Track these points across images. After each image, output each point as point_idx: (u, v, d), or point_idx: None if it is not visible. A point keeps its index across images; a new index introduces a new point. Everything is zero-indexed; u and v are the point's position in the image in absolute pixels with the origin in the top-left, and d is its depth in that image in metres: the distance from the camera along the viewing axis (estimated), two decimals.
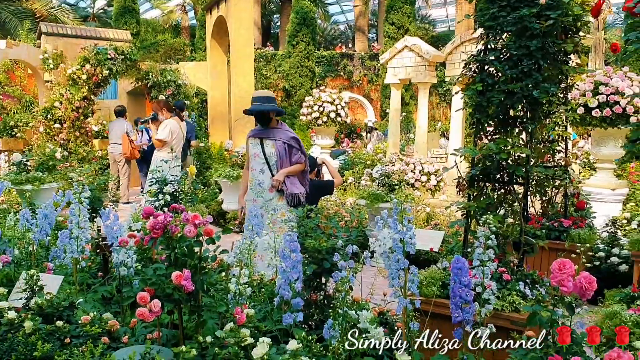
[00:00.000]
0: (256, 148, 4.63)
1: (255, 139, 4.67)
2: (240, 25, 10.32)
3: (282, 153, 4.59)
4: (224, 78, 12.09)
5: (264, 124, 4.66)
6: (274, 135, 4.63)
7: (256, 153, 4.62)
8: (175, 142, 7.15)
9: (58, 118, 9.49)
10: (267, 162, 4.60)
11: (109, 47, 9.68)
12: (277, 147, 4.59)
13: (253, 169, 4.65)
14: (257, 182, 4.61)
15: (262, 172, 4.61)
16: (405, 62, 9.84)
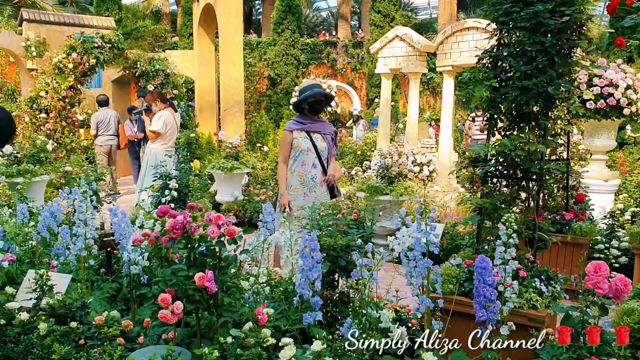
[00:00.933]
0: (307, 142, 4.52)
1: (302, 132, 4.54)
2: (229, 13, 10.18)
3: (331, 147, 4.62)
4: (211, 66, 11.94)
5: (317, 114, 4.62)
6: (322, 128, 4.61)
7: (309, 147, 4.52)
8: (170, 134, 7.06)
9: (44, 108, 9.29)
10: (319, 156, 4.54)
11: (95, 35, 9.48)
12: (327, 141, 4.60)
13: (305, 164, 4.53)
14: (310, 177, 4.54)
15: (315, 167, 4.55)
16: (396, 52, 9.82)
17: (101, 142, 9.68)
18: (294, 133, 4.54)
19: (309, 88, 4.57)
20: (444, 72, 9.42)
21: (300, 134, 4.52)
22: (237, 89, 10.43)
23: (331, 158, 4.65)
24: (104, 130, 9.65)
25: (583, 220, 4.57)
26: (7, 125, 2.88)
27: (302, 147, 4.50)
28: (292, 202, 4.51)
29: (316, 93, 4.48)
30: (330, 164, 4.62)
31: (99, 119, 9.67)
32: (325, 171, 4.58)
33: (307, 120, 4.57)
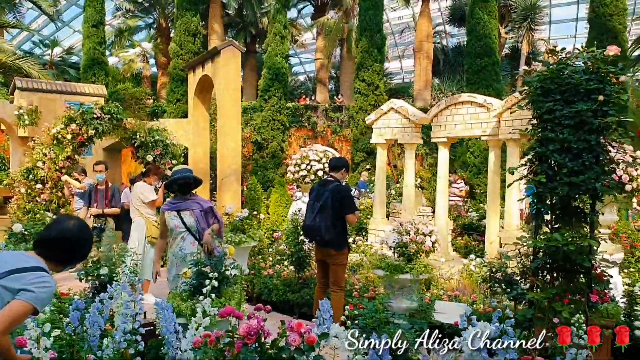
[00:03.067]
0: (176, 220, 5.12)
1: (172, 212, 5.16)
2: (228, 85, 10.36)
3: (200, 220, 5.15)
4: (205, 135, 12.02)
5: (185, 194, 5.19)
6: (190, 205, 5.17)
7: (176, 224, 5.12)
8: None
9: (40, 178, 9.16)
10: (188, 230, 5.12)
11: (94, 105, 9.50)
12: (195, 215, 5.14)
13: (175, 238, 5.15)
14: (179, 249, 5.09)
15: (183, 240, 5.12)
16: (392, 124, 10.09)
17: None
18: (166, 213, 5.19)
19: (180, 172, 5.18)
20: (439, 143, 9.68)
21: (171, 214, 5.15)
22: (235, 158, 10.50)
23: (205, 229, 5.10)
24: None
25: (608, 302, 4.65)
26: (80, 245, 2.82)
27: (171, 224, 5.14)
28: (169, 270, 5.17)
29: (185, 177, 5.12)
30: (204, 234, 5.04)
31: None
32: (197, 241, 5.10)
33: (177, 200, 5.20)
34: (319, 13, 28.32)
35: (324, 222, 5.56)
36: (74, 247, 2.70)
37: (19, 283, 2.44)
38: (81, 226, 2.77)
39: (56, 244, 2.64)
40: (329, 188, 5.67)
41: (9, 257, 2.61)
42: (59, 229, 2.68)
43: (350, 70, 26.94)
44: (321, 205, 5.63)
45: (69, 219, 2.77)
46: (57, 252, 2.65)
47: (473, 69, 15.57)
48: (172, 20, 28.52)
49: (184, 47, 17.97)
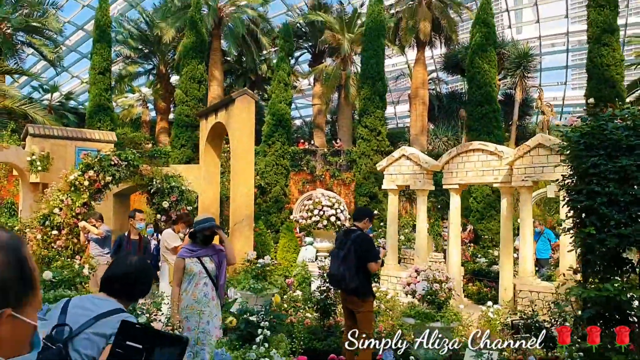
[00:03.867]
0: (198, 266, 5.21)
1: (193, 258, 5.25)
2: (242, 133, 10.57)
3: (219, 265, 5.32)
4: (216, 181, 12.16)
5: (208, 244, 5.32)
6: (210, 252, 5.31)
7: (200, 270, 5.21)
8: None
9: (56, 225, 9.18)
10: (209, 275, 5.23)
11: (111, 152, 9.63)
12: (215, 261, 5.30)
13: (198, 284, 5.22)
14: (203, 294, 5.18)
15: (206, 285, 5.22)
16: (403, 170, 10.30)
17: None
18: (187, 260, 5.25)
19: (205, 221, 5.29)
20: (451, 189, 9.88)
21: (192, 260, 5.23)
22: (247, 203, 10.61)
23: (224, 274, 5.36)
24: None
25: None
26: (144, 280, 2.88)
27: (194, 270, 5.20)
28: (189, 318, 5.13)
29: (212, 226, 5.26)
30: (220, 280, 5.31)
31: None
32: (215, 287, 5.26)
33: (196, 247, 5.28)
34: (316, 61, 29.00)
35: (348, 270, 5.68)
36: (137, 282, 2.76)
37: (109, 328, 2.49)
38: (143, 262, 2.88)
39: (123, 281, 2.69)
40: (351, 237, 5.81)
41: (87, 303, 2.60)
42: (124, 266, 2.73)
43: (347, 115, 27.44)
44: (345, 253, 5.75)
45: (131, 256, 2.84)
46: (124, 289, 2.70)
47: (474, 116, 15.97)
48: (171, 67, 29.05)
49: (189, 94, 18.29)
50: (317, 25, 27.24)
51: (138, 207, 14.77)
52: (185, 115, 17.65)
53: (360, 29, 26.52)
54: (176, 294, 5.30)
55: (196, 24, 18.74)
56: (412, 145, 25.29)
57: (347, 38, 25.05)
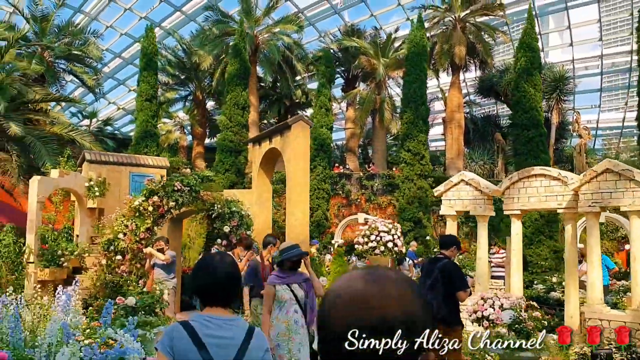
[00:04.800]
0: (288, 293, 5.21)
1: (283, 285, 5.24)
2: (297, 158, 10.65)
3: (308, 292, 5.32)
4: (268, 205, 12.23)
5: (296, 269, 5.35)
6: (299, 279, 5.33)
7: (290, 297, 5.20)
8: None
9: (120, 250, 9.31)
10: (298, 303, 5.23)
11: (174, 178, 9.77)
12: (304, 288, 5.30)
13: (289, 311, 5.20)
14: (294, 321, 5.17)
15: (296, 312, 5.21)
16: (462, 195, 10.23)
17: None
18: (277, 286, 5.25)
19: (293, 249, 5.30)
20: (512, 215, 9.78)
21: (282, 287, 5.22)
22: (302, 228, 10.63)
23: (312, 300, 5.34)
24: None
25: None
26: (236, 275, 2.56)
27: (285, 297, 5.19)
28: (281, 345, 5.12)
29: (301, 254, 5.30)
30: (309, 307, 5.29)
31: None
32: (305, 315, 5.23)
33: (284, 273, 5.26)
34: (349, 85, 29.23)
35: (435, 299, 5.63)
36: (237, 282, 2.56)
37: (261, 349, 2.43)
38: (232, 259, 2.71)
39: (228, 285, 2.49)
40: (438, 265, 5.79)
41: (214, 330, 2.38)
42: (224, 270, 2.48)
43: (382, 139, 27.51)
44: (431, 282, 5.72)
45: (215, 256, 2.57)
46: (231, 294, 2.51)
47: (520, 140, 15.87)
48: (208, 93, 29.55)
49: (233, 120, 18.56)
50: (351, 50, 27.51)
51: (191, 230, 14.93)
52: (229, 141, 17.87)
53: (395, 53, 26.74)
54: (267, 322, 5.28)
55: (240, 52, 19.12)
56: (448, 169, 25.19)
57: (382, 63, 25.24)
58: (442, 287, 5.58)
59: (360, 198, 24.58)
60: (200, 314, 2.44)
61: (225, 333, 2.38)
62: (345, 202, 24.51)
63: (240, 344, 2.39)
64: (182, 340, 2.32)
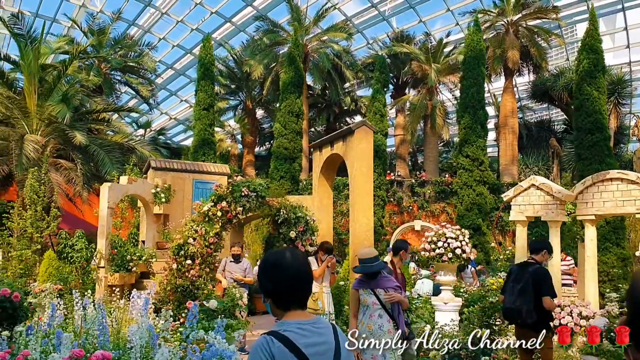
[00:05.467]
0: (371, 297, 5.19)
1: (367, 290, 5.24)
2: (361, 164, 10.57)
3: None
4: (329, 212, 12.19)
5: (372, 279, 5.29)
6: (383, 284, 5.24)
7: (373, 301, 5.18)
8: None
9: (190, 254, 9.42)
10: (383, 307, 5.18)
11: (240, 183, 9.85)
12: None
13: (372, 315, 5.18)
14: (378, 326, 5.13)
15: (381, 317, 5.17)
16: (532, 200, 9.96)
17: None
18: (360, 290, 5.28)
19: (373, 261, 5.21)
20: (585, 220, 9.46)
21: (366, 291, 5.22)
22: (367, 235, 10.52)
23: (399, 305, 5.26)
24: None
25: None
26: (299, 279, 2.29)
27: (367, 302, 5.19)
28: (365, 350, 4.99)
29: (377, 270, 5.21)
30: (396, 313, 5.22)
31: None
32: (392, 318, 5.18)
33: (369, 278, 5.25)
34: (398, 92, 29.07)
35: (526, 305, 5.48)
36: (312, 280, 2.34)
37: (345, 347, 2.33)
38: (304, 254, 2.51)
39: (309, 284, 2.28)
40: (529, 270, 5.64)
41: (311, 335, 2.20)
42: (304, 268, 2.27)
43: (433, 145, 27.20)
44: (521, 287, 5.57)
45: (286, 252, 2.30)
46: (309, 294, 2.30)
47: (584, 145, 15.38)
48: (257, 102, 29.91)
49: (288, 127, 18.68)
50: (401, 57, 27.38)
51: (246, 237, 15.07)
52: (284, 148, 17.98)
53: (446, 58, 26.45)
54: (352, 325, 5.31)
55: (294, 59, 19.26)
56: (502, 175, 24.67)
57: (434, 68, 24.99)
58: (533, 293, 5.42)
59: (412, 205, 24.33)
60: (287, 320, 2.23)
61: (319, 338, 2.22)
62: (397, 210, 24.28)
63: (334, 347, 2.25)
64: (284, 356, 2.10)
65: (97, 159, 15.89)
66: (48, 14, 28.85)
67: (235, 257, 8.95)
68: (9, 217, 13.32)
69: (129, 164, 14.37)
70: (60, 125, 15.85)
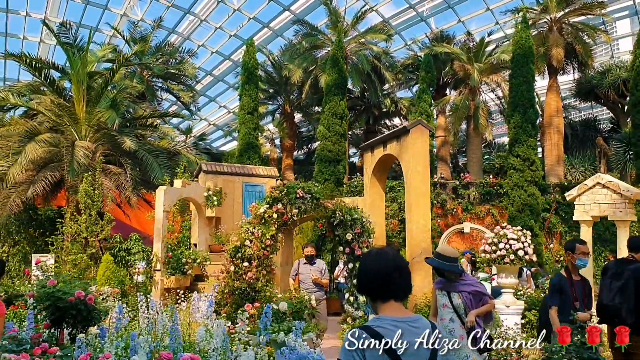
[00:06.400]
0: (444, 299, 5.07)
1: (442, 291, 5.12)
2: (417, 163, 10.39)
3: (469, 303, 5.01)
4: (381, 214, 12.03)
5: (441, 276, 5.19)
6: (460, 287, 5.05)
7: (444, 303, 5.05)
8: None
9: (247, 257, 9.36)
10: (455, 311, 5.02)
11: (295, 185, 9.76)
12: (463, 297, 5.02)
13: (443, 318, 5.03)
14: (448, 331, 4.98)
15: (452, 321, 5.00)
16: (598, 199, 9.59)
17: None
18: (437, 290, 5.20)
19: (453, 260, 5.02)
20: None
21: (441, 292, 5.12)
22: (424, 236, 10.32)
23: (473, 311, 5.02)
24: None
25: None
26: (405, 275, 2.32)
27: (440, 302, 5.10)
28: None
29: (450, 270, 4.99)
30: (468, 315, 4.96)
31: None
32: (463, 324, 4.96)
33: (447, 280, 5.10)
34: (439, 93, 28.65)
35: (626, 303, 5.20)
36: (409, 273, 2.33)
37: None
38: (396, 250, 2.50)
39: (404, 276, 2.28)
40: (630, 268, 5.37)
41: (415, 335, 2.17)
42: (398, 259, 2.30)
43: (476, 146, 26.71)
44: (622, 284, 5.30)
45: (385, 247, 2.42)
46: (407, 286, 2.29)
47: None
48: (296, 106, 29.93)
49: (332, 130, 18.57)
50: (441, 57, 26.98)
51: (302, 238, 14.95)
52: (328, 151, 17.87)
53: (489, 57, 25.98)
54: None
55: (338, 61, 19.15)
56: (547, 176, 24.03)
57: (476, 68, 24.55)
58: (635, 292, 5.16)
59: (456, 208, 23.87)
60: (382, 315, 2.21)
61: (414, 338, 2.16)
62: (441, 212, 23.84)
63: (431, 350, 2.18)
64: (373, 353, 2.08)
65: (146, 164, 16.05)
66: (91, 23, 29.50)
67: (308, 258, 8.78)
68: (62, 222, 13.55)
69: (179, 168, 14.45)
70: (110, 131, 16.08)
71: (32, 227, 17.32)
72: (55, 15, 29.07)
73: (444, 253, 5.21)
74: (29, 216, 17.18)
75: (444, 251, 5.26)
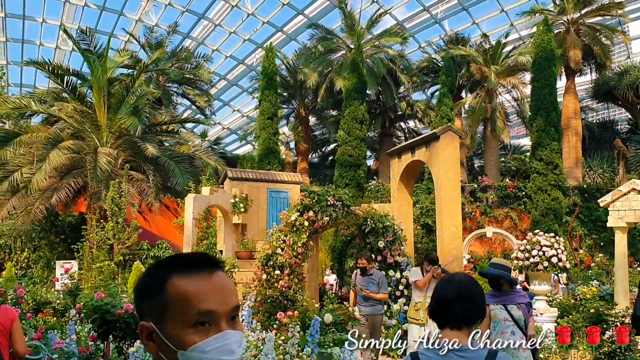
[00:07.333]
0: (503, 312, 4.96)
1: (498, 305, 5.01)
2: (447, 169, 10.31)
3: (527, 314, 5.02)
4: (409, 220, 11.94)
5: (496, 288, 5.07)
6: (515, 299, 5.03)
7: (505, 317, 4.96)
8: None
9: (279, 265, 9.32)
10: (516, 324, 4.94)
11: (326, 192, 9.71)
12: (522, 309, 4.99)
13: (504, 332, 4.94)
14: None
15: (514, 334, 4.92)
16: (633, 205, 9.48)
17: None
18: (491, 305, 5.00)
19: (504, 268, 5.04)
20: None
21: (497, 306, 4.99)
22: (456, 243, 10.24)
23: (530, 323, 5.02)
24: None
25: None
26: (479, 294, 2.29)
27: (499, 317, 4.95)
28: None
29: (498, 275, 4.99)
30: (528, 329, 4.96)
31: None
32: (525, 335, 4.92)
33: (501, 293, 5.03)
34: (455, 96, 28.49)
35: None
36: (477, 300, 2.27)
37: None
38: (469, 276, 2.45)
39: (466, 302, 2.23)
40: None
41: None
42: (462, 282, 2.25)
43: (494, 149, 26.51)
44: None
45: (458, 273, 2.46)
46: (470, 313, 2.25)
47: None
48: (310, 110, 29.88)
49: (352, 134, 18.52)
50: (456, 59, 26.83)
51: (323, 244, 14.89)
52: (348, 155, 17.81)
53: (506, 60, 25.81)
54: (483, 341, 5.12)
55: (357, 66, 19.10)
56: (566, 178, 23.83)
57: (493, 70, 24.40)
58: None
59: (474, 211, 23.72)
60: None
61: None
62: None
63: None
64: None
65: (167, 170, 16.05)
66: (106, 29, 29.63)
67: (362, 270, 7.93)
68: (86, 228, 13.57)
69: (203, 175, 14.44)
70: (132, 137, 16.09)
71: (53, 234, 17.36)
72: (72, 21, 29.24)
73: (502, 263, 5.17)
74: (51, 222, 17.23)
75: (500, 261, 5.22)
